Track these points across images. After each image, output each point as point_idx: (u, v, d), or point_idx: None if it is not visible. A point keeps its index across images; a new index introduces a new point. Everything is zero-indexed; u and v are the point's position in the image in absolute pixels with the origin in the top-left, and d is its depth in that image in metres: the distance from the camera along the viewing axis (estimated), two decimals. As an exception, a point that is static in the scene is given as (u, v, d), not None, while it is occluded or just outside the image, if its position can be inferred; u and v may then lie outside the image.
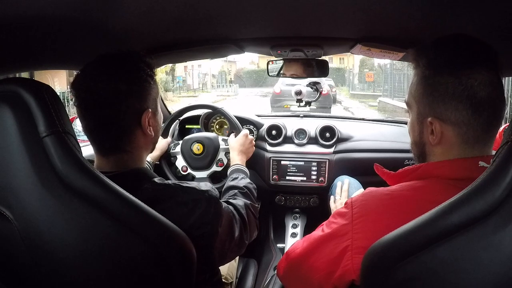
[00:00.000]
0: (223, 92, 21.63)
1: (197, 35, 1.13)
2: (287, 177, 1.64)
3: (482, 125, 0.61)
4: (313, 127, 1.71)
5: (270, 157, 1.65)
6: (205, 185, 0.78)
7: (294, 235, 1.69)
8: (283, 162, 1.65)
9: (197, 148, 1.49)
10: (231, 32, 1.12)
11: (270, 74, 1.51)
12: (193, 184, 0.76)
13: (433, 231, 0.45)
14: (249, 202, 1.01)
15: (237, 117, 1.58)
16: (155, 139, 0.85)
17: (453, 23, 0.86)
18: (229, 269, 1.25)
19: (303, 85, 1.86)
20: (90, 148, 0.78)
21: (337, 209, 0.71)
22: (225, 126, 1.81)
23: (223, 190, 1.12)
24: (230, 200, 0.98)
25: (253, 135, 1.69)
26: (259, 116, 1.86)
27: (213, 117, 1.80)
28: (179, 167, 1.51)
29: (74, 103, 0.74)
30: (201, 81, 25.32)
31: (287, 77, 1.49)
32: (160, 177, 0.77)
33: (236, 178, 1.17)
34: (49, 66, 1.13)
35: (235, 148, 1.40)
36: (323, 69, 1.41)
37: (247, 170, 1.30)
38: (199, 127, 1.78)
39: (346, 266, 0.61)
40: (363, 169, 1.46)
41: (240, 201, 0.97)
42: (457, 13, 0.79)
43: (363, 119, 2.03)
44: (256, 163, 1.63)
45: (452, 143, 0.64)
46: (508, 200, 0.39)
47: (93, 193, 0.56)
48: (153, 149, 0.87)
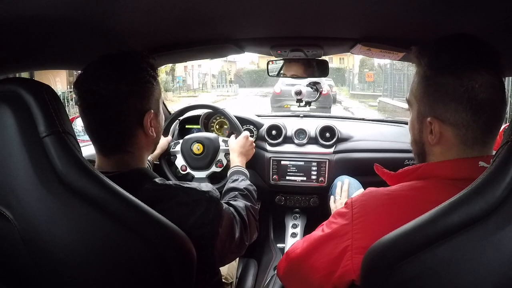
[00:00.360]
0: (223, 92, 21.62)
1: (197, 35, 1.13)
2: (287, 177, 1.64)
3: (481, 126, 0.61)
4: (313, 127, 1.71)
5: (270, 157, 1.65)
6: (206, 186, 0.78)
7: (294, 235, 1.69)
8: (283, 162, 1.65)
9: (197, 148, 1.49)
10: (231, 32, 1.12)
11: (270, 74, 1.51)
12: (194, 184, 0.76)
13: (433, 231, 0.45)
14: (249, 204, 1.01)
15: (237, 117, 1.58)
16: (157, 140, 0.85)
17: (454, 22, 0.86)
18: (229, 269, 1.25)
19: (303, 85, 1.86)
20: (90, 148, 0.78)
21: (337, 209, 0.71)
22: (225, 126, 1.81)
23: (223, 191, 1.12)
24: (230, 201, 0.97)
25: (253, 135, 1.69)
26: (259, 116, 1.86)
27: (213, 117, 1.80)
28: (179, 167, 1.51)
29: (76, 103, 0.74)
30: (201, 81, 25.31)
31: (287, 77, 1.49)
32: (161, 178, 0.77)
33: (236, 180, 1.17)
34: (49, 66, 1.13)
35: (235, 149, 1.40)
36: (323, 69, 1.41)
37: (247, 172, 1.29)
38: (199, 127, 1.78)
39: (346, 266, 0.61)
40: (363, 169, 1.46)
41: (240, 203, 0.97)
42: (458, 13, 0.79)
43: (363, 119, 2.03)
44: (256, 163, 1.63)
45: (451, 143, 0.64)
46: (508, 200, 0.39)
47: (93, 193, 0.56)
48: (154, 150, 0.87)
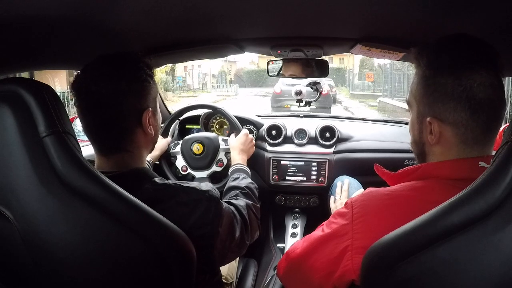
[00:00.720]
0: (223, 92, 21.61)
1: (197, 35, 1.13)
2: (287, 177, 1.64)
3: (481, 126, 0.61)
4: (313, 127, 1.71)
5: (270, 157, 1.65)
6: (206, 185, 0.78)
7: (294, 235, 1.69)
8: (283, 162, 1.65)
9: (197, 148, 1.49)
10: (231, 32, 1.12)
11: (270, 74, 1.51)
12: (193, 184, 0.77)
13: (433, 231, 0.45)
14: (250, 202, 1.00)
15: (237, 117, 1.58)
16: (155, 138, 0.85)
17: (454, 22, 0.86)
18: (229, 269, 1.25)
19: (303, 85, 1.86)
20: (90, 148, 0.78)
21: (337, 209, 0.71)
22: (225, 126, 1.81)
23: (224, 190, 1.12)
24: (231, 200, 0.97)
25: (253, 135, 1.69)
26: (259, 116, 1.86)
27: (213, 117, 1.80)
28: (179, 167, 1.51)
29: (74, 104, 0.74)
30: (201, 81, 25.29)
31: (287, 77, 1.48)
32: (160, 177, 0.77)
33: (237, 178, 1.17)
34: (49, 66, 1.13)
35: (236, 147, 1.39)
36: (323, 69, 1.41)
37: (248, 169, 1.29)
38: (199, 127, 1.78)
39: (346, 266, 0.61)
40: (363, 169, 1.46)
41: (241, 202, 0.97)
42: (458, 13, 0.79)
43: (363, 119, 2.03)
44: (256, 163, 1.63)
45: (450, 143, 0.64)
46: (508, 200, 0.39)
47: (93, 193, 0.56)
48: (152, 149, 0.87)
